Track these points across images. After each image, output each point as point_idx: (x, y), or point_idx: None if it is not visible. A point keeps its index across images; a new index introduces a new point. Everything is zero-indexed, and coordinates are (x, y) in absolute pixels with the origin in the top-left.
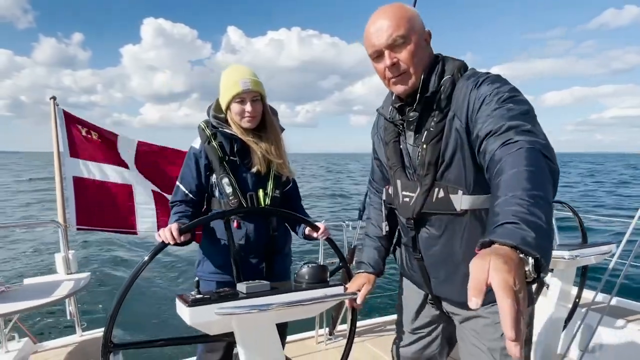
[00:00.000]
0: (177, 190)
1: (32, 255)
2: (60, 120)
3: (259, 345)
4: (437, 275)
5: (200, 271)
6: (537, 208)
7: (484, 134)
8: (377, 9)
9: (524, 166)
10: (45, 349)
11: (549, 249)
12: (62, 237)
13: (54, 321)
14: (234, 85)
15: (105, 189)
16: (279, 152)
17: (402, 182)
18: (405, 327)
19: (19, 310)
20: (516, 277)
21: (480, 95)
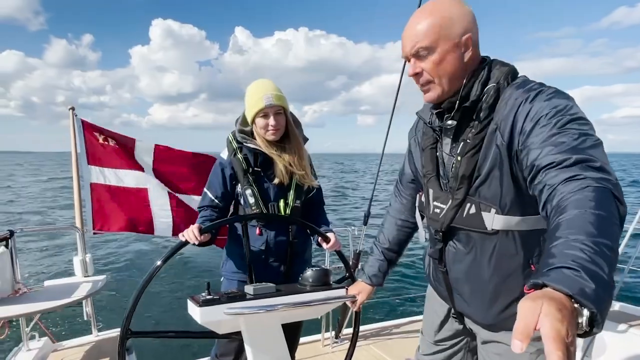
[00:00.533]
0: (204, 196)
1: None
2: (78, 130)
3: (266, 344)
4: (461, 291)
5: (224, 270)
6: (601, 257)
7: (544, 165)
8: (413, 13)
9: (591, 208)
10: (64, 348)
11: (608, 304)
12: (80, 241)
13: (72, 321)
14: (258, 101)
15: (121, 193)
16: (302, 163)
17: (435, 191)
18: (428, 338)
19: (40, 310)
20: (569, 327)
21: (534, 113)
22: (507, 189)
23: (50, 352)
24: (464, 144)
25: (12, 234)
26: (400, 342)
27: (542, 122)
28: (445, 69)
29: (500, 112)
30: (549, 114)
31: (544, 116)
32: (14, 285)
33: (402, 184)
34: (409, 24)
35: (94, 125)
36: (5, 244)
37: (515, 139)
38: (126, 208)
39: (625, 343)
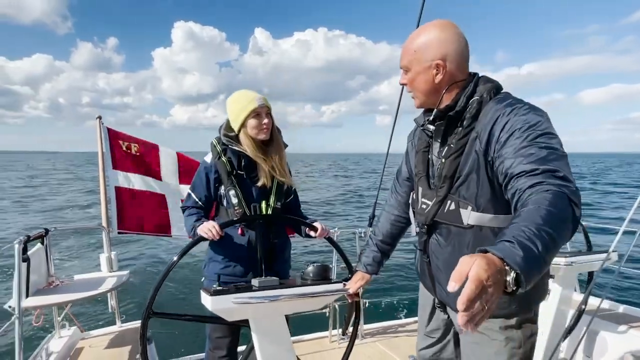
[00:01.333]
0: (188, 197)
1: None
2: (104, 137)
3: (271, 332)
4: (441, 280)
5: (207, 272)
6: (538, 239)
7: (517, 173)
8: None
9: (545, 205)
10: (91, 337)
11: (533, 273)
12: (106, 240)
13: (98, 313)
14: (249, 103)
15: (142, 197)
16: (283, 166)
17: (423, 189)
18: (421, 330)
19: (71, 300)
20: (490, 276)
21: (510, 126)
22: (482, 190)
23: (78, 340)
24: (448, 148)
25: (47, 232)
26: (406, 339)
27: (516, 134)
28: (417, 87)
29: (481, 122)
30: (522, 128)
31: (518, 129)
32: (48, 278)
33: (398, 181)
34: (409, 39)
35: (119, 133)
36: (41, 241)
37: (491, 147)
38: (146, 211)
39: (626, 344)
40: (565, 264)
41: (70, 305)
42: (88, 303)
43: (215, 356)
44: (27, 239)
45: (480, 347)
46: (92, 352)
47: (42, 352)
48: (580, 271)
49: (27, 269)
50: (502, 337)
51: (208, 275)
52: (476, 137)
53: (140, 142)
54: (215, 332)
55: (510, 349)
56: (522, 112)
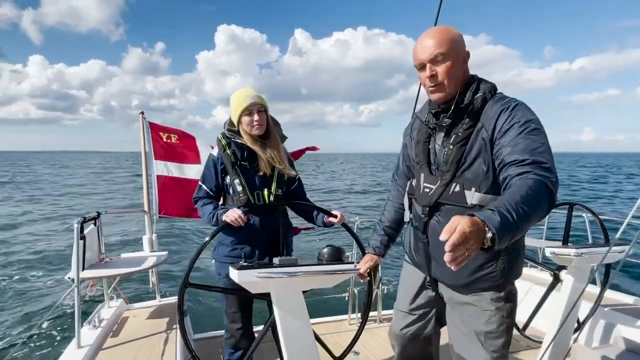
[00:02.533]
0: (199, 188)
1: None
2: (147, 130)
3: (289, 306)
4: (438, 258)
5: (216, 254)
6: (514, 211)
7: (510, 160)
8: (427, 30)
9: (525, 189)
10: (134, 308)
11: (506, 236)
12: (148, 223)
13: (141, 288)
14: (242, 101)
15: (181, 183)
16: (280, 156)
17: (425, 175)
18: (403, 308)
19: (119, 274)
20: (473, 231)
21: (512, 118)
22: (485, 173)
23: (124, 310)
24: (456, 136)
25: (99, 214)
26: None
27: (515, 127)
28: (453, 74)
29: (487, 115)
30: (520, 122)
31: (517, 122)
32: (99, 255)
33: (397, 175)
34: (425, 38)
35: (159, 126)
36: (94, 222)
37: (495, 133)
38: (184, 196)
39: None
40: (575, 254)
41: (117, 279)
42: (132, 278)
43: (233, 328)
44: (84, 220)
45: (473, 319)
46: (136, 322)
47: (94, 318)
48: (592, 263)
49: (83, 246)
50: (492, 307)
51: (217, 257)
52: (481, 127)
53: (179, 132)
54: (230, 307)
55: (499, 318)
56: (522, 109)
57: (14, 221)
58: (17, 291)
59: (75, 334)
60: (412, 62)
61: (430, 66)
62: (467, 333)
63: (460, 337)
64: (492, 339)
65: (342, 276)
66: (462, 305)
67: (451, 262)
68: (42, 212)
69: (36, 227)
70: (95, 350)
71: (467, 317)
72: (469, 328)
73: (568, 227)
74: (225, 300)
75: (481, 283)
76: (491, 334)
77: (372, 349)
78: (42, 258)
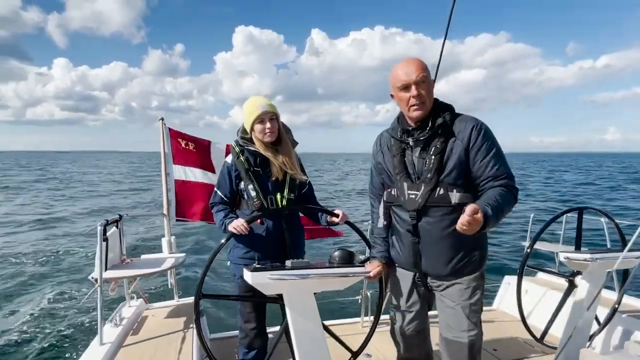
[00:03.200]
0: (215, 194)
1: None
2: (166, 136)
3: (301, 307)
4: (430, 254)
5: (232, 256)
6: (496, 204)
7: (487, 176)
8: (405, 60)
9: (498, 193)
10: (153, 308)
11: (492, 220)
12: (167, 226)
13: (159, 289)
14: (254, 110)
15: (197, 188)
16: (292, 162)
17: (408, 184)
18: (402, 307)
19: (139, 275)
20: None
21: (482, 138)
22: (463, 177)
23: (144, 309)
24: (435, 148)
25: (121, 217)
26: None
27: (485, 145)
28: (431, 94)
29: (459, 129)
30: (487, 143)
31: (486, 143)
32: (121, 256)
33: (375, 188)
34: (409, 63)
35: (178, 132)
36: (116, 225)
37: (470, 144)
38: (201, 201)
39: None
40: (589, 260)
41: (138, 280)
42: (152, 279)
43: (247, 328)
44: (106, 223)
45: (459, 296)
46: (155, 321)
47: (116, 317)
48: (607, 269)
49: (106, 247)
50: (473, 284)
51: (232, 259)
52: (455, 140)
53: (196, 140)
54: (245, 308)
55: (478, 293)
56: (487, 130)
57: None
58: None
59: (98, 332)
60: (392, 85)
61: (416, 87)
62: (455, 308)
63: (449, 314)
64: (474, 311)
65: (353, 279)
66: (450, 287)
67: (461, 229)
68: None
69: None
70: (116, 348)
71: (455, 296)
72: (456, 304)
73: (579, 232)
74: (241, 302)
75: (466, 268)
76: (474, 306)
77: (385, 351)
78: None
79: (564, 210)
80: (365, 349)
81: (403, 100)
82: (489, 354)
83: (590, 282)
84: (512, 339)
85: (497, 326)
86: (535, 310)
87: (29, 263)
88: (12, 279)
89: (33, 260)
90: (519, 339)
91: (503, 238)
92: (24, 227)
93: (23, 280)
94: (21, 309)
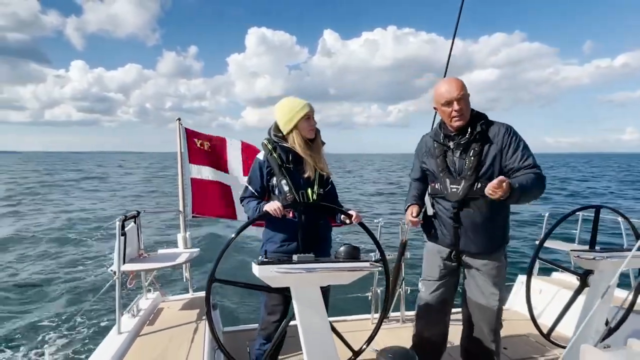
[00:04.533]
0: (246, 189)
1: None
2: (182, 136)
3: (307, 300)
4: (468, 235)
5: (267, 248)
6: (524, 183)
7: (519, 167)
8: (447, 79)
9: (526, 175)
10: (169, 300)
11: (518, 191)
12: (182, 222)
13: (175, 282)
14: (303, 108)
15: (212, 186)
16: (323, 159)
17: (450, 180)
18: (432, 278)
19: (155, 268)
20: (506, 182)
21: (512, 139)
22: (496, 174)
23: (160, 302)
24: (473, 151)
25: (139, 213)
26: None
27: (515, 143)
28: (467, 108)
29: (492, 133)
30: (516, 140)
31: (515, 140)
32: (139, 250)
33: (414, 174)
34: (451, 82)
35: (194, 132)
36: (134, 220)
37: (504, 145)
38: (216, 198)
39: None
40: (598, 257)
41: (154, 273)
42: (168, 272)
43: (270, 320)
44: (125, 218)
45: (490, 272)
46: (170, 313)
47: (133, 308)
48: (619, 267)
49: (124, 242)
50: (499, 262)
51: (268, 251)
52: (491, 144)
53: (212, 139)
54: (271, 300)
55: (503, 269)
56: (514, 130)
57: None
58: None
59: (116, 321)
60: (436, 101)
61: (457, 102)
62: (485, 282)
63: (480, 283)
64: (500, 284)
65: (358, 273)
66: (483, 265)
67: (488, 191)
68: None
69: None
70: (133, 337)
71: (486, 272)
72: (487, 279)
73: (595, 230)
74: (266, 294)
75: (494, 247)
76: (500, 278)
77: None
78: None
79: (577, 208)
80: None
81: (446, 113)
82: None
83: (602, 281)
84: (523, 337)
85: (508, 325)
86: (548, 310)
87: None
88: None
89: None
90: (530, 338)
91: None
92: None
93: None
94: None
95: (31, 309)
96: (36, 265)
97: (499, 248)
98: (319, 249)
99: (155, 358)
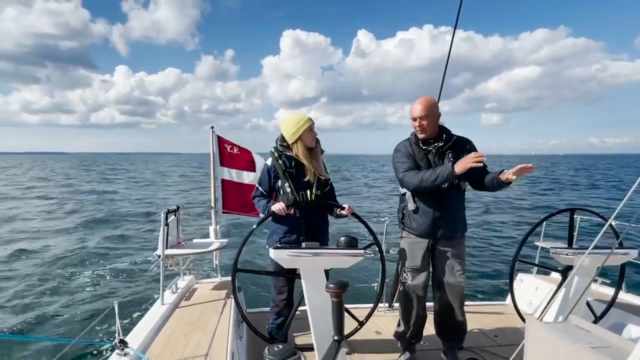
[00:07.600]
0: (256, 189)
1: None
2: (215, 142)
3: (313, 280)
4: (446, 222)
5: (270, 241)
6: None
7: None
8: (420, 98)
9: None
10: (201, 283)
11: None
12: (214, 216)
13: (206, 268)
14: (306, 122)
15: (240, 186)
16: (321, 166)
17: None
18: (415, 266)
19: (192, 253)
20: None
21: (472, 147)
22: (467, 174)
23: (194, 284)
24: (451, 154)
25: (178, 208)
26: None
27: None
28: (431, 124)
29: (460, 144)
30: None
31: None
32: (178, 238)
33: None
34: (420, 102)
35: (225, 139)
36: (175, 213)
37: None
38: (242, 197)
39: None
40: (573, 254)
41: (190, 258)
42: (201, 259)
43: (279, 299)
44: (168, 211)
45: (457, 251)
46: (202, 292)
47: (172, 286)
48: (596, 263)
49: (167, 231)
50: (463, 242)
51: (271, 243)
52: (463, 151)
53: (240, 148)
54: (279, 282)
55: (465, 247)
56: (472, 143)
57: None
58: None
59: (160, 295)
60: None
61: (420, 119)
62: (453, 260)
63: (450, 264)
64: (464, 262)
65: (355, 259)
66: (453, 246)
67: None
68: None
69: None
70: (173, 307)
71: (455, 254)
72: (455, 259)
73: (571, 230)
74: (275, 277)
75: (461, 230)
76: (464, 258)
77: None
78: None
79: (556, 211)
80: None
81: (413, 126)
82: (489, 339)
83: (579, 274)
84: (515, 328)
85: (504, 317)
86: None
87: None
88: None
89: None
90: (521, 328)
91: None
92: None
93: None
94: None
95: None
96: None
97: (463, 230)
98: (317, 240)
99: (192, 323)
